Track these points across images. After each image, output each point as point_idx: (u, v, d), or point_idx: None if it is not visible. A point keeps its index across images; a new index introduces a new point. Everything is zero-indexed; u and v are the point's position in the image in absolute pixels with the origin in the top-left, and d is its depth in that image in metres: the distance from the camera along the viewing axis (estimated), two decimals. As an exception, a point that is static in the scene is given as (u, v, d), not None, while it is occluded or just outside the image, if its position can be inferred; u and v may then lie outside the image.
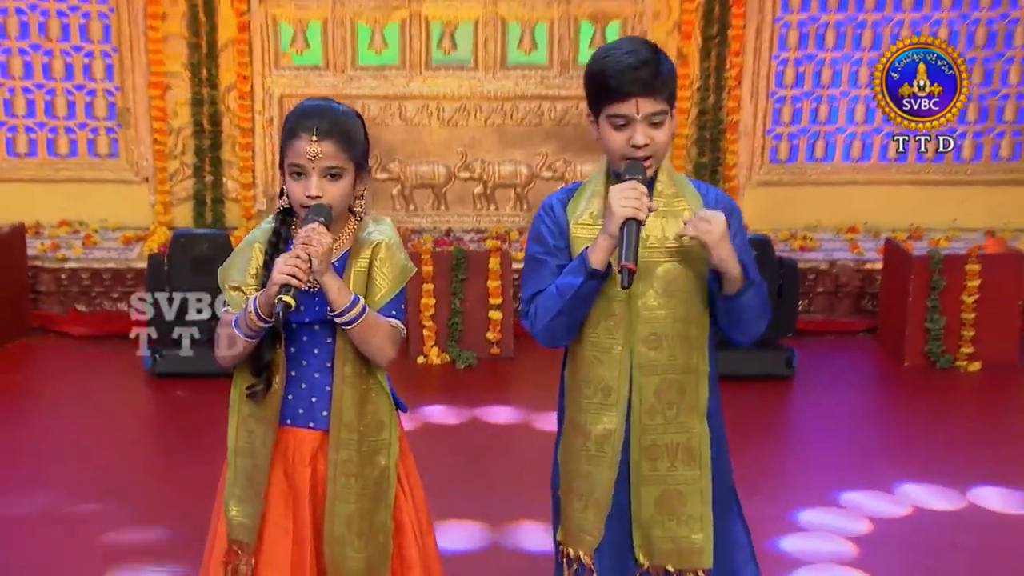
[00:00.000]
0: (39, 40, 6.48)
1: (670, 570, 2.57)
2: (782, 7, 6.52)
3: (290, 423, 2.64)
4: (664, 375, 2.53)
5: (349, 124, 2.55)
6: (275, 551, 2.65)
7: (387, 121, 6.67)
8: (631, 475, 2.59)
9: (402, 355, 5.54)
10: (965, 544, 3.97)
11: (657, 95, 2.40)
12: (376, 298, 2.55)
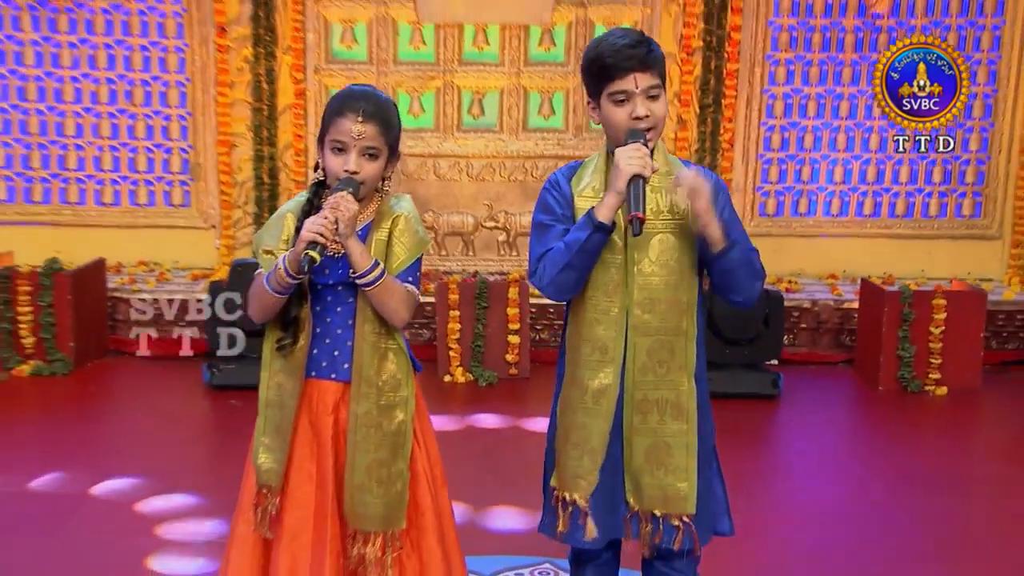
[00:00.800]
0: (125, 105, 6.65)
1: (657, 514, 2.56)
2: (769, 81, 6.61)
3: (314, 375, 2.63)
4: (656, 336, 2.52)
5: (390, 111, 2.57)
6: (299, 494, 2.63)
7: (423, 176, 6.72)
8: (624, 427, 2.58)
9: (431, 373, 5.89)
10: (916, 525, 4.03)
11: (652, 70, 2.43)
12: (394, 265, 2.55)
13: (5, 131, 6.76)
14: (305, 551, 2.61)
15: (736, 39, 6.51)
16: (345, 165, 2.47)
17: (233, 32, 6.50)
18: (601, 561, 2.75)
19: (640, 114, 2.38)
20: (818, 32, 6.59)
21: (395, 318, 2.54)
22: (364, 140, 2.47)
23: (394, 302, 2.52)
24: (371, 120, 2.46)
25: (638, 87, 2.40)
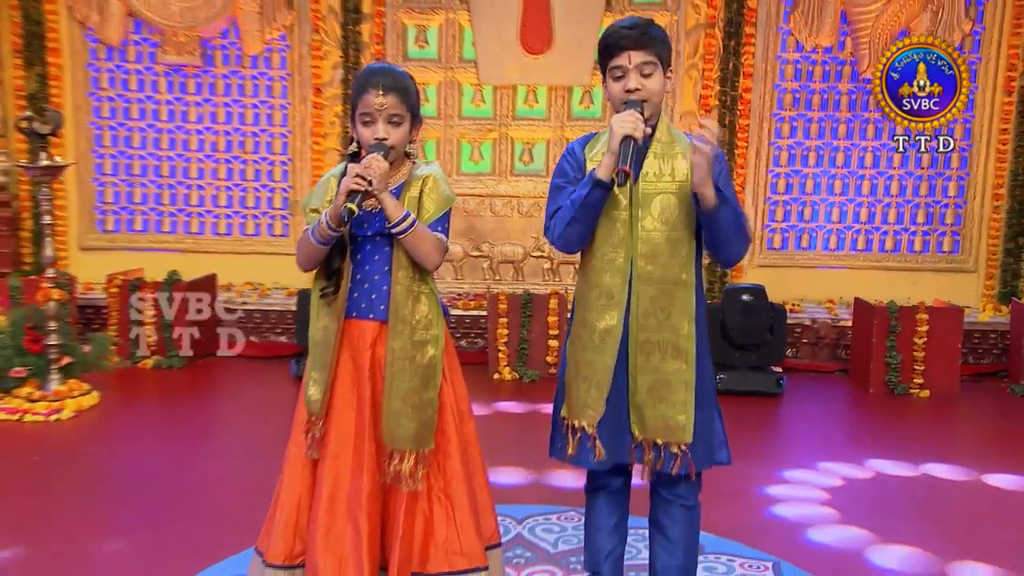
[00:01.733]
0: (238, 153, 6.90)
1: (658, 443, 2.55)
2: (775, 135, 6.73)
3: (355, 316, 2.63)
4: (659, 285, 2.50)
5: (406, 82, 2.60)
6: (341, 419, 2.64)
7: (481, 213, 6.85)
8: (628, 365, 2.56)
9: (482, 371, 6.07)
10: (914, 495, 4.13)
11: (646, 49, 2.43)
12: (424, 217, 2.56)
13: (142, 174, 6.99)
14: (346, 468, 2.61)
15: (747, 99, 6.63)
16: (375, 133, 2.51)
17: (327, 92, 6.71)
18: (612, 489, 2.75)
19: (631, 87, 2.42)
20: (817, 95, 6.70)
21: (427, 262, 2.55)
22: (387, 109, 2.51)
23: (425, 247, 2.52)
24: (391, 92, 2.51)
25: (631, 63, 2.42)
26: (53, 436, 4.70)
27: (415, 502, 2.64)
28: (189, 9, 6.65)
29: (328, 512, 2.59)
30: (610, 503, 2.76)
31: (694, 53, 6.67)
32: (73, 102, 6.85)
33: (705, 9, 6.59)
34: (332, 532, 2.57)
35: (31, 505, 3.78)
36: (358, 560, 2.54)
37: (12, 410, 4.92)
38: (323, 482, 2.61)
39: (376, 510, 2.63)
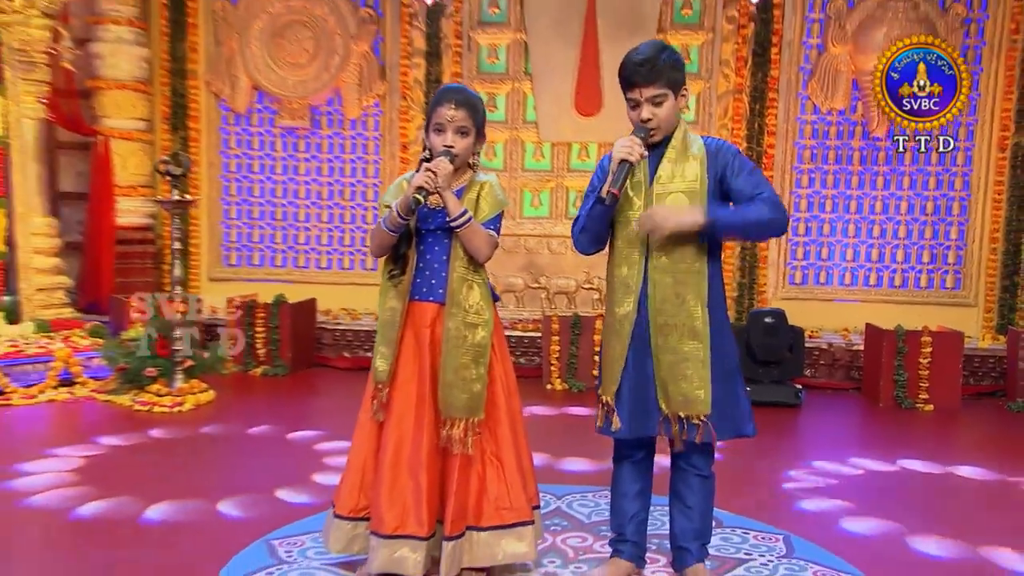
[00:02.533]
0: (338, 200, 7.20)
1: (681, 415, 2.53)
2: (796, 185, 6.86)
3: (417, 299, 2.66)
4: (674, 274, 2.50)
5: (476, 101, 2.67)
6: (405, 388, 2.68)
7: (540, 251, 7.01)
8: (651, 346, 2.54)
9: (537, 382, 6.24)
10: (912, 486, 4.16)
11: (656, 83, 2.45)
12: (480, 217, 2.62)
13: (260, 218, 7.36)
14: (408, 431, 2.65)
15: (771, 154, 6.77)
16: (444, 141, 2.58)
17: (412, 149, 6.87)
18: (635, 459, 2.75)
19: (644, 117, 2.47)
20: (832, 151, 6.82)
21: (479, 254, 2.60)
22: (457, 121, 2.58)
23: (478, 240, 2.58)
24: (462, 107, 2.59)
25: (643, 97, 2.46)
26: (175, 423, 4.94)
27: (469, 464, 2.65)
28: (301, 82, 7.09)
29: (392, 469, 2.62)
30: (634, 472, 2.76)
31: (724, 115, 6.85)
32: (207, 159, 7.32)
33: (734, 78, 6.80)
34: (396, 487, 2.60)
35: (160, 472, 4.04)
36: (418, 512, 2.57)
37: (144, 402, 5.21)
38: (388, 443, 2.65)
39: (435, 469, 2.64)
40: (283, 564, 2.93)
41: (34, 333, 5.85)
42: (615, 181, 2.40)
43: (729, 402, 2.57)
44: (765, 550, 3.15)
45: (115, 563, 2.98)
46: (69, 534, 3.28)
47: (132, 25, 6.92)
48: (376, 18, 7.07)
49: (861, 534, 3.43)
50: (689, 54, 6.89)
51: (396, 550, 2.58)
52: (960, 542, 3.34)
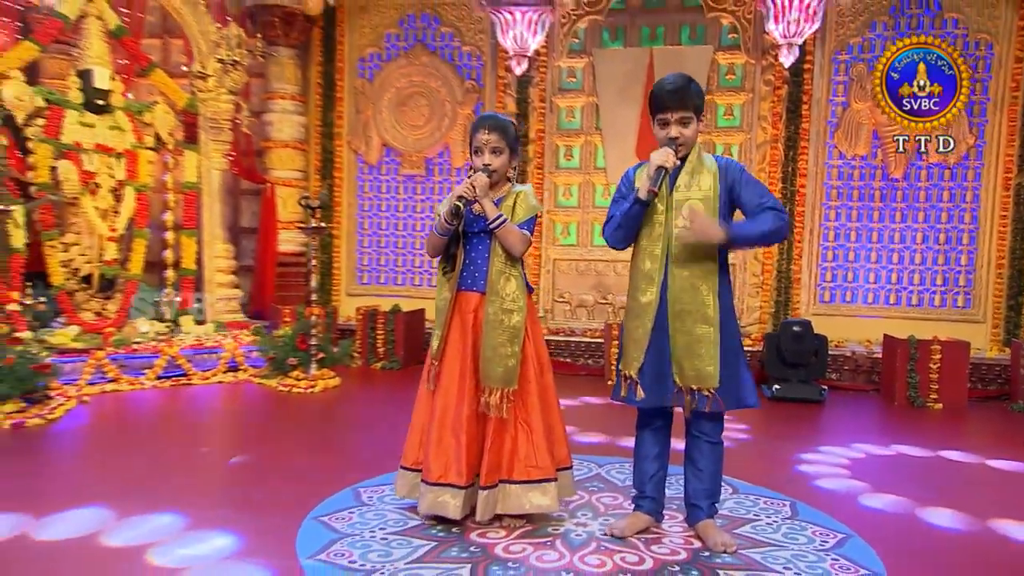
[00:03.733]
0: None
1: (693, 388, 2.53)
2: (824, 219, 6.89)
3: (463, 289, 2.71)
4: (690, 267, 2.51)
5: (506, 124, 2.71)
6: (451, 362, 2.71)
7: (607, 272, 7.18)
8: (669, 329, 2.55)
9: (600, 379, 6.24)
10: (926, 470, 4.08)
11: (684, 107, 2.49)
12: (515, 219, 2.66)
13: (385, 246, 7.69)
14: (452, 398, 2.68)
15: (802, 193, 6.84)
16: (482, 160, 2.66)
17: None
18: (655, 427, 2.76)
19: (673, 135, 2.51)
20: (856, 190, 6.84)
21: (513, 250, 2.63)
22: (491, 143, 2.64)
23: (512, 239, 2.62)
24: (494, 131, 2.66)
25: (673, 118, 2.50)
26: (308, 402, 5.21)
27: (503, 427, 2.67)
28: (419, 139, 7.58)
29: (439, 429, 2.67)
30: (653, 437, 2.76)
31: (763, 160, 6.97)
32: (347, 200, 7.87)
33: (770, 130, 6.94)
34: (441, 444, 2.65)
35: (297, 438, 4.31)
36: (459, 465, 2.62)
37: (286, 385, 5.59)
38: (436, 408, 2.70)
39: (474, 430, 2.67)
40: (363, 506, 3.08)
41: (214, 331, 6.46)
42: (653, 182, 2.42)
43: (733, 377, 2.55)
44: (772, 512, 3.14)
45: (255, 495, 3.29)
46: (247, 480, 3.54)
47: (294, 99, 7.60)
48: (478, 88, 7.53)
49: (870, 507, 3.34)
50: (732, 111, 7.09)
51: (440, 495, 2.65)
52: (967, 515, 3.23)
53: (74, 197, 5.93)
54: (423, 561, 2.54)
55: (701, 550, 2.69)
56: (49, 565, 2.55)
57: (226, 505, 3.15)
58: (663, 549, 2.70)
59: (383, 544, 2.69)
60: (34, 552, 2.63)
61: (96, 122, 6.06)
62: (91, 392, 5.24)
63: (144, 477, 3.52)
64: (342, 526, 2.87)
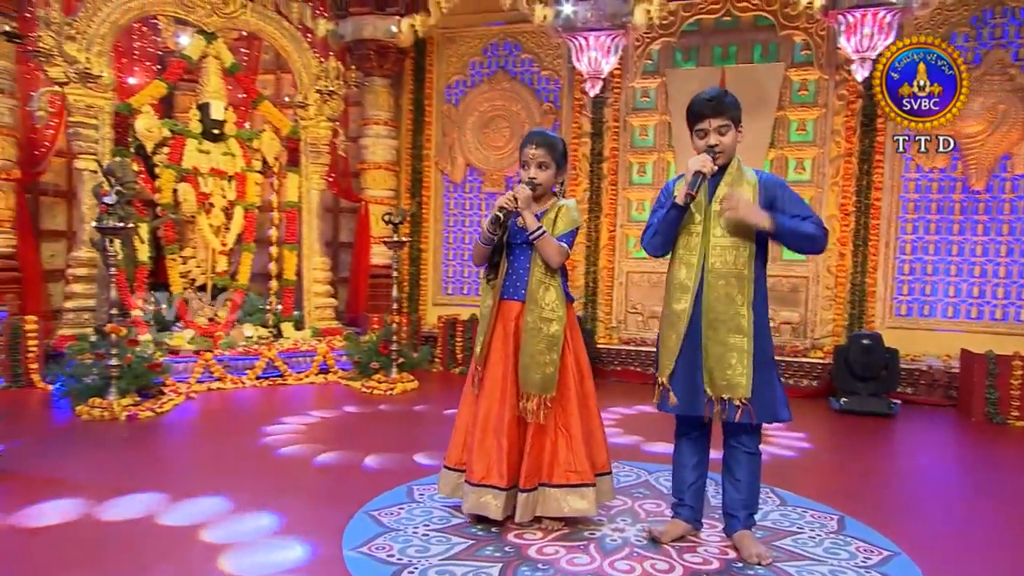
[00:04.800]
0: None
1: (725, 398, 2.44)
2: (901, 231, 6.48)
3: (505, 297, 2.69)
4: (726, 278, 2.42)
5: (554, 140, 2.68)
6: (494, 368, 2.70)
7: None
8: (702, 338, 2.45)
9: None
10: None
11: (722, 116, 2.43)
12: (555, 232, 2.62)
13: (468, 260, 7.95)
14: (494, 401, 2.66)
15: (878, 206, 6.45)
16: (528, 174, 2.64)
17: (579, 207, 7.44)
18: (692, 436, 2.67)
19: (712, 143, 2.43)
20: (935, 203, 6.40)
21: (551, 261, 2.59)
22: (537, 158, 2.62)
23: (550, 250, 2.58)
24: (542, 146, 2.63)
25: (711, 126, 2.44)
26: (387, 401, 5.37)
27: (542, 432, 2.63)
28: (499, 159, 7.61)
29: (481, 432, 2.65)
30: (691, 446, 2.67)
31: (836, 174, 6.60)
32: (434, 217, 7.94)
33: (844, 144, 6.57)
34: (483, 446, 2.63)
35: (368, 436, 4.44)
36: (500, 468, 2.60)
37: (368, 387, 5.72)
38: (479, 411, 2.68)
39: (514, 434, 2.63)
40: (414, 503, 3.10)
41: (310, 337, 6.72)
42: (691, 186, 2.35)
43: (765, 389, 2.44)
44: (818, 526, 2.97)
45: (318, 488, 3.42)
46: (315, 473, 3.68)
47: (387, 125, 7.81)
48: (555, 109, 7.51)
49: (922, 526, 3.11)
50: (805, 126, 6.78)
51: (482, 496, 2.64)
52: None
53: (192, 216, 6.30)
54: (457, 558, 2.52)
55: (735, 561, 2.57)
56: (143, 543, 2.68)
57: (289, 495, 3.24)
58: (696, 558, 2.60)
59: (423, 540, 2.69)
60: (160, 532, 2.79)
61: (212, 149, 6.43)
62: (199, 389, 5.54)
63: (226, 466, 3.69)
64: (389, 521, 2.90)
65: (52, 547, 2.60)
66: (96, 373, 4.73)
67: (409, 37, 7.41)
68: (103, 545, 2.64)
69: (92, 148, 5.82)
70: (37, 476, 3.42)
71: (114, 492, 3.17)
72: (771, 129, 6.76)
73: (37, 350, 5.54)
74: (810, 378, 6.35)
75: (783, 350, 6.56)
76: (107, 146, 5.88)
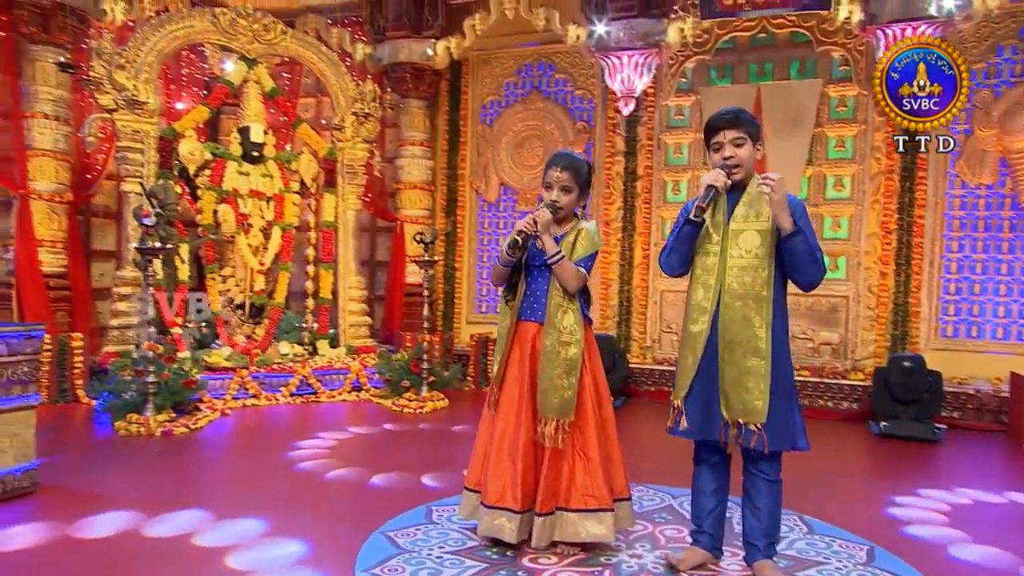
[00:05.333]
0: None
1: (740, 422, 2.38)
2: (945, 250, 6.27)
3: (523, 319, 2.67)
4: (743, 299, 2.37)
5: (578, 163, 2.67)
6: (510, 389, 2.67)
7: None
8: (718, 360, 2.40)
9: None
10: None
11: (737, 128, 2.39)
12: (574, 256, 2.59)
13: None
14: (510, 423, 2.64)
15: (920, 224, 6.25)
16: (551, 196, 2.63)
17: (612, 226, 7.11)
18: (712, 462, 2.60)
19: (727, 155, 2.40)
20: (982, 220, 6.16)
21: (568, 285, 2.57)
22: (561, 181, 2.61)
23: (568, 275, 2.56)
24: (567, 169, 2.62)
25: (726, 139, 2.41)
26: (417, 419, 5.42)
27: (559, 455, 2.60)
28: (533, 178, 7.54)
29: (497, 453, 2.63)
30: (711, 473, 2.60)
31: (876, 191, 6.44)
32: (468, 236, 8.01)
33: (884, 161, 6.41)
34: (499, 468, 2.61)
35: (393, 454, 4.51)
36: (514, 491, 2.58)
37: (399, 405, 5.74)
38: (496, 432, 2.67)
39: (530, 457, 2.61)
40: (431, 524, 3.08)
41: (345, 355, 6.80)
42: (703, 199, 2.31)
43: (783, 416, 2.37)
44: (845, 557, 2.85)
45: (338, 506, 3.44)
46: (335, 491, 3.73)
47: (422, 145, 7.92)
48: (588, 128, 7.52)
49: (962, 559, 2.95)
50: (844, 143, 6.64)
51: (496, 518, 2.62)
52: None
53: (231, 236, 6.47)
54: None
55: (753, 591, 2.52)
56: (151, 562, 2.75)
57: (310, 513, 3.28)
58: (712, 587, 2.53)
59: (436, 563, 2.68)
60: (144, 547, 2.86)
61: (251, 171, 6.61)
62: (234, 406, 5.66)
63: (248, 484, 3.75)
64: (404, 542, 2.90)
65: (78, 561, 2.66)
66: (134, 389, 4.87)
67: (444, 59, 7.52)
68: (95, 563, 2.68)
69: (138, 171, 6.04)
70: (76, 490, 3.54)
71: (141, 508, 3.24)
72: (808, 146, 6.63)
73: (82, 366, 5.73)
74: (849, 400, 6.16)
75: (822, 371, 6.39)
76: (152, 169, 6.10)
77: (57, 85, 6.12)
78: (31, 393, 3.54)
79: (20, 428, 3.49)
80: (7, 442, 3.42)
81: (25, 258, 5.97)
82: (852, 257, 6.55)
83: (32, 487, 3.49)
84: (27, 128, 6.03)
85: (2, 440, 3.40)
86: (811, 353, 6.67)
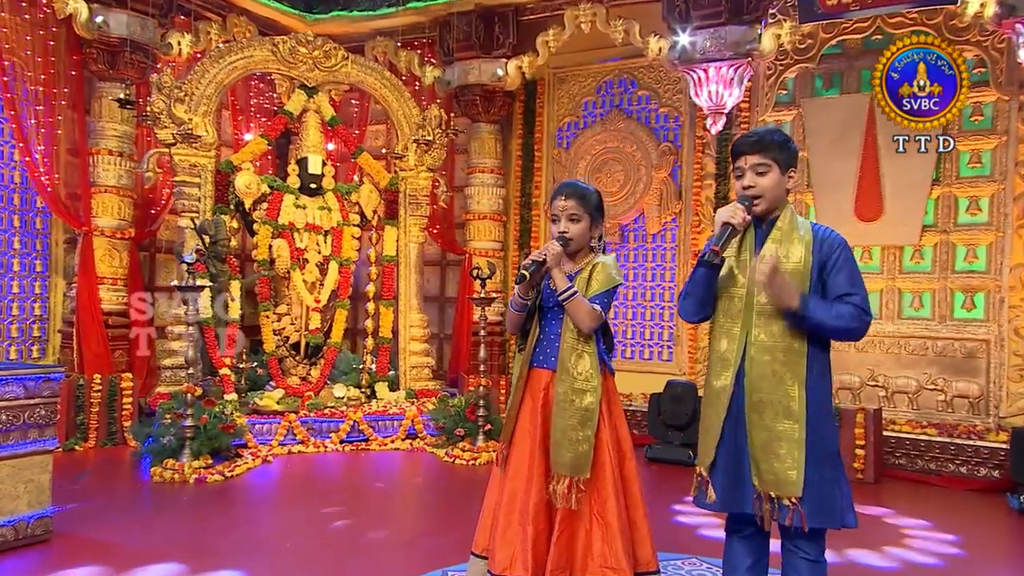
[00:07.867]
0: (640, 300, 7.34)
1: (773, 495, 2.21)
2: None
3: (535, 365, 2.61)
4: (772, 352, 2.23)
5: (585, 191, 2.63)
6: (521, 445, 2.60)
7: None
8: (745, 422, 2.26)
9: None
10: None
11: (761, 153, 2.26)
12: (589, 292, 2.52)
13: None
14: (520, 483, 2.56)
15: None
16: (559, 228, 2.57)
17: None
18: (745, 534, 2.42)
19: (746, 183, 2.28)
20: None
21: (581, 325, 2.49)
22: (568, 210, 2.56)
23: (580, 313, 2.48)
24: (572, 197, 2.57)
25: (747, 164, 2.28)
26: (469, 473, 5.34)
27: (573, 518, 2.51)
28: (612, 205, 7.40)
29: (507, 516, 2.55)
30: (744, 547, 2.43)
31: (1021, 215, 5.86)
32: None
33: (1030, 178, 5.87)
34: (508, 532, 2.54)
35: (429, 511, 4.56)
36: (524, 558, 2.48)
37: (452, 455, 5.66)
38: (505, 493, 2.60)
39: (543, 520, 2.52)
40: None
41: (404, 399, 6.80)
42: (717, 240, 2.20)
43: (825, 488, 2.20)
44: None
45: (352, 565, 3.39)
46: (354, 549, 3.74)
47: (493, 172, 7.93)
48: (674, 150, 7.30)
49: None
50: (980, 158, 6.08)
51: None
52: None
53: (286, 272, 6.66)
54: (471, 658, 2.39)
55: None
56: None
57: (325, 572, 3.26)
58: None
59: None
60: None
61: (308, 203, 6.82)
62: (279, 452, 5.74)
63: (265, 539, 3.74)
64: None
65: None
66: (172, 434, 5.03)
67: (516, 79, 7.54)
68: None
69: (194, 206, 6.35)
70: (87, 539, 3.64)
71: (135, 562, 3.28)
72: (934, 163, 6.12)
73: (131, 408, 6.00)
74: (988, 467, 5.51)
75: (955, 430, 5.78)
76: (208, 204, 6.39)
77: (122, 121, 6.56)
78: (48, 437, 3.70)
79: (35, 473, 3.64)
80: (22, 488, 3.58)
81: (85, 296, 6.35)
82: (993, 293, 5.98)
83: (45, 535, 3.62)
84: (92, 165, 6.48)
85: (17, 485, 3.56)
86: (943, 407, 6.06)
